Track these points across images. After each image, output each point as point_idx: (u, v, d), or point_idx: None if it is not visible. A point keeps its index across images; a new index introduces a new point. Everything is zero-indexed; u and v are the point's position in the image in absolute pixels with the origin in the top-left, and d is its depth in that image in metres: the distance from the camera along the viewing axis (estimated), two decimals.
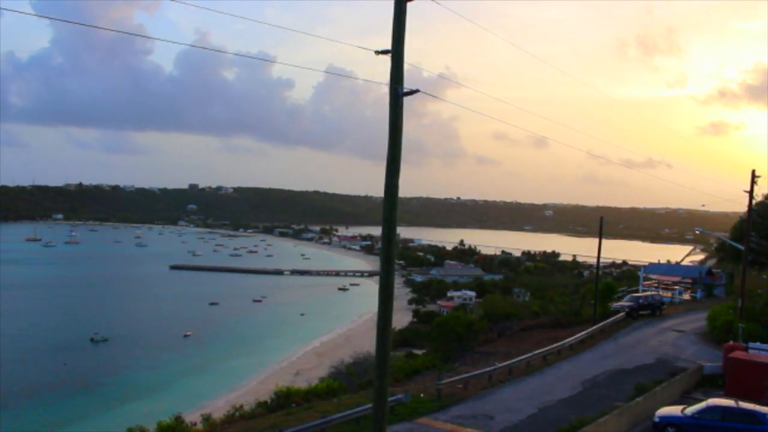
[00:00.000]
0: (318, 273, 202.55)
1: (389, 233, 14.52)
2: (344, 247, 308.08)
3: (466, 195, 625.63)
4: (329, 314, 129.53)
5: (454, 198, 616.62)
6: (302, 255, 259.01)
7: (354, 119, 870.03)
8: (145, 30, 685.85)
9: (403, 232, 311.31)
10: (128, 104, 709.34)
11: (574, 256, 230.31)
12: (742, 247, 46.59)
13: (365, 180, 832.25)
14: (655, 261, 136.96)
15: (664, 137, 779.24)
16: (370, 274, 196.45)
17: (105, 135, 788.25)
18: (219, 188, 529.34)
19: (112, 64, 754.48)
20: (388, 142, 14.48)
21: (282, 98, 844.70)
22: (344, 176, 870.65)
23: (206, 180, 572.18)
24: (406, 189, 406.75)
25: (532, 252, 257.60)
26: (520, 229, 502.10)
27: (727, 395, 27.86)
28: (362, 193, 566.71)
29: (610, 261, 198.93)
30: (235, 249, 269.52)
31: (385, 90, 14.50)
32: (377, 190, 15.78)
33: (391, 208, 14.46)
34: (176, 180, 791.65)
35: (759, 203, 56.75)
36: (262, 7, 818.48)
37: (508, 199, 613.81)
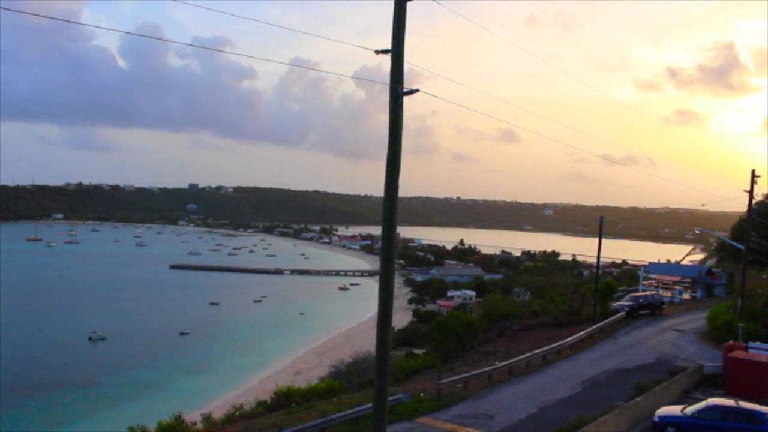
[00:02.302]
0: (318, 273, 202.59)
1: (389, 233, 14.52)
2: (344, 246, 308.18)
3: (466, 195, 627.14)
4: (329, 314, 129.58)
5: (454, 197, 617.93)
6: (302, 254, 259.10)
7: (333, 115, 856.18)
8: (80, 18, 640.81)
9: (403, 231, 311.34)
10: (83, 99, 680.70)
11: (574, 255, 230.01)
12: (742, 247, 46.63)
13: (339, 177, 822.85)
14: (655, 260, 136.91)
15: (644, 135, 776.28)
16: (370, 274, 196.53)
17: (62, 131, 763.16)
18: (219, 188, 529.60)
19: (55, 56, 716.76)
20: (388, 142, 14.49)
21: (241, 90, 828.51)
22: (344, 176, 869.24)
23: (206, 179, 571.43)
24: (406, 188, 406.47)
25: (532, 251, 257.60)
26: (520, 228, 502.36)
27: (727, 395, 27.89)
28: (362, 193, 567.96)
29: (610, 260, 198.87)
30: (234, 248, 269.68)
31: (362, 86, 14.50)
32: (377, 189, 15.75)
33: (391, 207, 14.46)
34: (176, 179, 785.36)
35: (759, 203, 56.86)
36: (267, 7, 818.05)
37: (508, 199, 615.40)
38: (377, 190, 15.74)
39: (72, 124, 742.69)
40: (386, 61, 14.41)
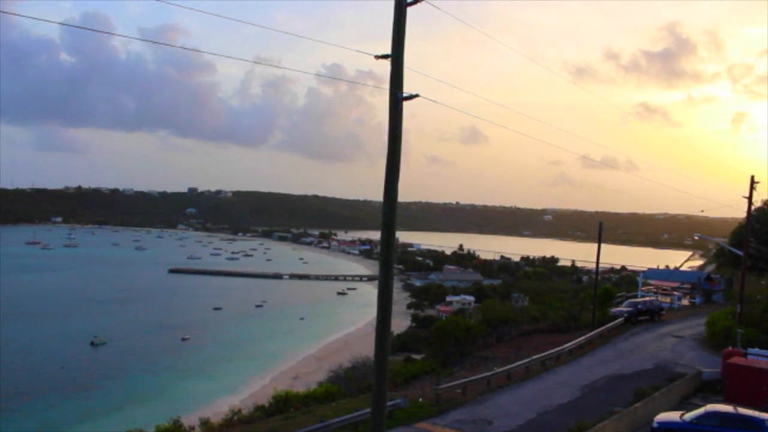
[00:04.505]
0: (317, 277, 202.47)
1: (388, 238, 14.54)
2: (343, 251, 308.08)
3: (466, 200, 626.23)
4: (328, 318, 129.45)
5: (453, 203, 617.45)
6: (301, 259, 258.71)
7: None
8: (16, 8, 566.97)
9: (402, 236, 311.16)
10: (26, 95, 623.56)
11: (573, 261, 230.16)
12: (741, 253, 46.66)
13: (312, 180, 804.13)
14: (654, 266, 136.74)
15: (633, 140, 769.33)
16: (369, 279, 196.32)
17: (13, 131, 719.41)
18: (218, 192, 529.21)
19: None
20: (388, 147, 14.52)
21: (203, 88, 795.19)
22: (343, 181, 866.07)
23: (206, 184, 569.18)
24: (405, 194, 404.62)
25: (531, 257, 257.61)
26: (519, 234, 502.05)
27: (726, 401, 27.87)
28: (361, 198, 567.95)
29: (609, 266, 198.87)
30: (233, 253, 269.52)
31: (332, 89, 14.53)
32: (376, 194, 15.76)
33: (390, 212, 14.48)
34: (176, 183, 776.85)
35: (758, 209, 56.91)
36: (273, 10, 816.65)
37: (507, 204, 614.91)
38: (376, 194, 15.76)
39: (19, 123, 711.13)
40: (353, 56, 14.46)
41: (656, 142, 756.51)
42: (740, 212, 45.94)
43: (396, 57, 14.28)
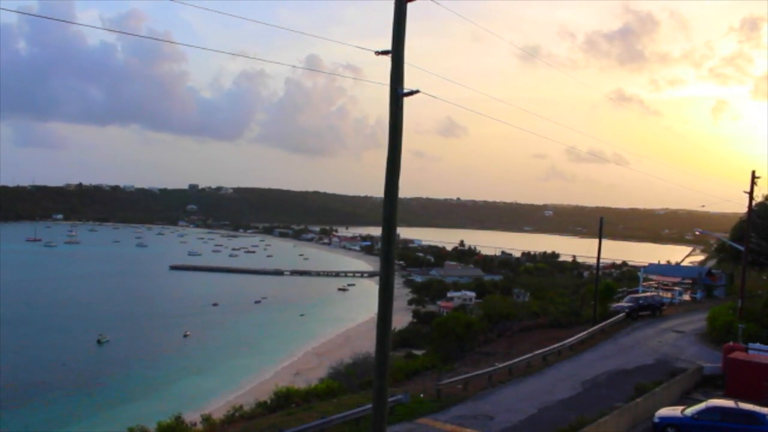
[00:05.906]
0: (318, 273, 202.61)
1: (389, 234, 14.52)
2: (344, 247, 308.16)
3: (466, 196, 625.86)
4: (329, 315, 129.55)
5: (454, 198, 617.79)
6: (301, 255, 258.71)
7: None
8: None
9: (403, 232, 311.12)
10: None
11: (574, 256, 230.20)
12: (742, 248, 46.65)
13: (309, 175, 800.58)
14: (655, 261, 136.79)
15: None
16: (370, 275, 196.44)
17: None
18: (219, 188, 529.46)
19: None
20: (388, 143, 14.50)
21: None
22: (344, 177, 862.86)
23: (206, 180, 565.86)
24: (406, 189, 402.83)
25: (532, 252, 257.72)
26: (520, 229, 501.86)
27: (727, 396, 27.91)
28: (362, 194, 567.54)
29: (610, 261, 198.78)
30: (234, 249, 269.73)
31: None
32: (377, 190, 15.74)
33: (390, 208, 14.47)
34: (176, 180, 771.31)
35: (759, 204, 56.89)
36: (276, 7, 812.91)
37: (508, 200, 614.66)
38: (377, 190, 15.73)
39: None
40: (353, 51, 14.43)
41: (642, 135, 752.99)
42: (741, 207, 46.03)
43: (396, 53, 14.24)
